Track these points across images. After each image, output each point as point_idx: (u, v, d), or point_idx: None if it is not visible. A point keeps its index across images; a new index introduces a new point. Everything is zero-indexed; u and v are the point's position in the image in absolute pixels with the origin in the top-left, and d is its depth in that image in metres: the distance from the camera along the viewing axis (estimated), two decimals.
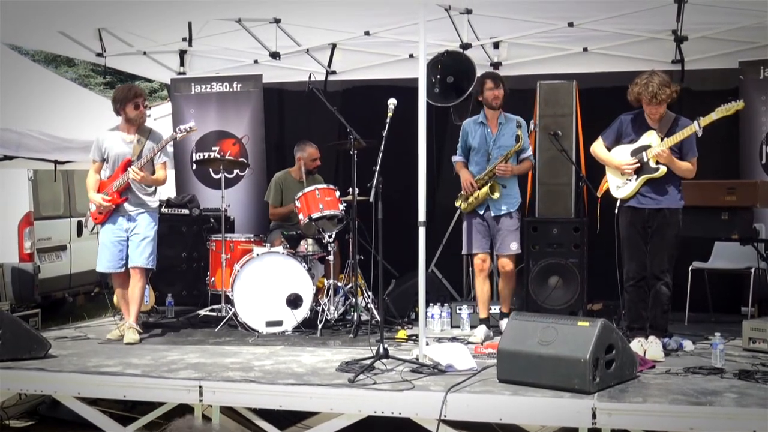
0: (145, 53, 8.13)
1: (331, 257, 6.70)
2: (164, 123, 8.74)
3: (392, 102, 5.50)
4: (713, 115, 5.28)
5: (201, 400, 4.80)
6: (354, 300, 6.58)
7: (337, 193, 6.71)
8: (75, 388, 5.05)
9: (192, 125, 6.25)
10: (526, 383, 4.59)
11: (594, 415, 4.24)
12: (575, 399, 4.36)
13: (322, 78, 8.29)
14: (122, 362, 5.35)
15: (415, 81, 5.32)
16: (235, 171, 8.25)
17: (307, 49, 8.07)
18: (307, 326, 6.45)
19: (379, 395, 4.56)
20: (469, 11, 6.79)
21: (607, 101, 6.61)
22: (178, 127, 6.31)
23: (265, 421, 4.93)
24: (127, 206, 6.14)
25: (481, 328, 6.14)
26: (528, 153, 6.26)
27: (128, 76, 10.76)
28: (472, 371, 4.94)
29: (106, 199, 6.08)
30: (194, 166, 8.30)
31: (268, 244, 6.95)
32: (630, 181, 5.53)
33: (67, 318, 8.48)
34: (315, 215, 6.57)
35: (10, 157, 7.59)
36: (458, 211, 7.49)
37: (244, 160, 7.96)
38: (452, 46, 7.24)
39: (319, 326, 6.39)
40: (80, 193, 9.83)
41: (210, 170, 8.21)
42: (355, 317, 6.41)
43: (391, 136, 5.46)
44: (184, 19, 7.35)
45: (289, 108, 8.66)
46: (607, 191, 5.72)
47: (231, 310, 6.62)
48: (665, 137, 5.41)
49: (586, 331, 4.53)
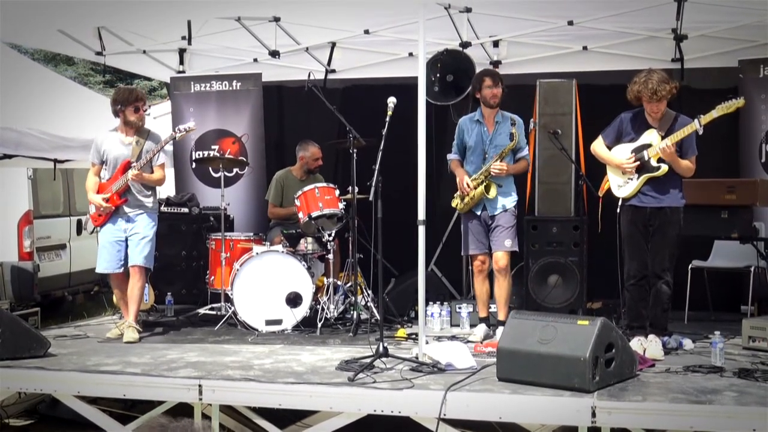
0: (144, 52, 8.12)
1: (330, 256, 6.70)
2: (164, 121, 8.74)
3: (392, 101, 5.49)
4: (714, 113, 5.26)
5: (200, 399, 4.80)
6: (354, 299, 6.57)
7: (337, 192, 6.71)
8: (75, 387, 5.04)
9: (191, 125, 6.28)
10: (525, 382, 4.58)
11: (594, 414, 4.24)
12: (575, 398, 4.36)
13: (322, 76, 8.30)
14: (122, 361, 5.35)
15: (414, 79, 5.31)
16: (235, 170, 8.25)
17: (307, 48, 8.07)
18: (306, 325, 6.45)
19: (379, 394, 4.56)
20: (468, 10, 6.79)
21: (607, 100, 6.60)
22: (177, 127, 6.33)
23: (265, 419, 4.93)
24: (126, 207, 6.16)
25: (481, 327, 6.13)
26: (524, 152, 6.16)
27: (128, 74, 10.78)
28: (472, 370, 4.94)
29: (106, 199, 6.11)
30: (194, 165, 8.29)
31: (268, 243, 6.95)
32: (631, 180, 5.52)
33: (67, 317, 8.48)
34: (315, 214, 6.57)
35: (10, 156, 7.58)
36: (457, 210, 7.52)
37: (244, 159, 7.95)
38: (452, 44, 7.24)
39: (319, 325, 6.39)
40: (80, 191, 9.83)
41: (209, 169, 8.21)
42: (355, 316, 6.41)
43: (391, 135, 5.46)
44: (183, 17, 7.34)
45: (288, 107, 8.66)
46: (608, 190, 5.72)
47: (230, 308, 6.62)
48: (665, 135, 5.40)
49: (585, 330, 4.53)
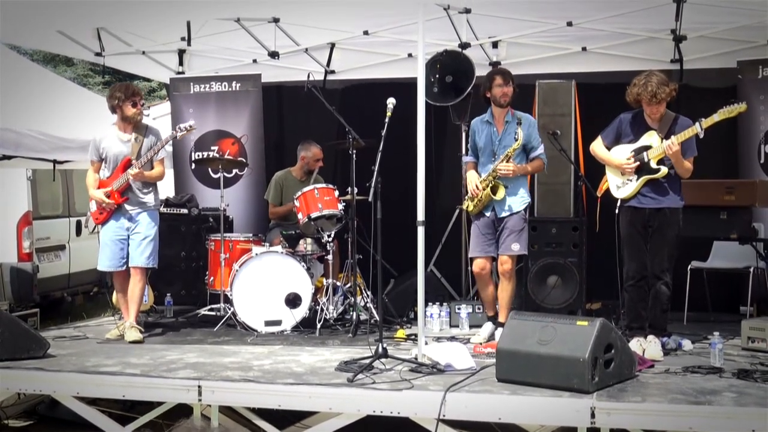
0: (144, 53, 8.13)
1: (330, 257, 6.70)
2: (163, 122, 8.74)
3: (391, 101, 5.48)
4: (715, 117, 5.25)
5: (200, 400, 4.80)
6: (353, 299, 6.58)
7: (336, 193, 6.71)
8: (74, 388, 5.04)
9: (191, 124, 6.29)
10: (525, 383, 4.58)
11: (593, 415, 4.24)
12: (574, 398, 4.36)
13: (321, 77, 8.31)
14: (121, 362, 5.35)
15: (414, 80, 5.31)
16: (234, 170, 8.25)
17: (306, 49, 8.07)
18: (306, 326, 6.45)
19: (378, 395, 4.56)
20: (468, 11, 6.79)
21: (606, 100, 6.61)
22: (177, 126, 6.33)
23: (264, 420, 4.93)
24: (127, 206, 6.16)
25: (487, 326, 6.06)
26: (538, 152, 6.00)
27: (127, 75, 10.74)
28: (471, 371, 4.94)
29: (107, 194, 6.09)
30: (193, 166, 8.30)
31: (267, 244, 6.94)
32: (630, 181, 5.52)
33: (66, 318, 8.47)
34: (314, 215, 6.57)
35: (9, 157, 7.57)
36: (457, 211, 7.52)
37: (243, 160, 7.96)
38: (451, 45, 7.24)
39: (318, 326, 6.39)
40: (79, 192, 9.83)
41: (209, 170, 8.22)
42: (354, 317, 6.41)
43: (390, 136, 5.45)
44: (183, 18, 7.35)
45: (288, 107, 8.66)
46: (607, 191, 5.72)
47: (230, 309, 6.62)
48: (665, 137, 5.40)
49: (585, 331, 4.53)
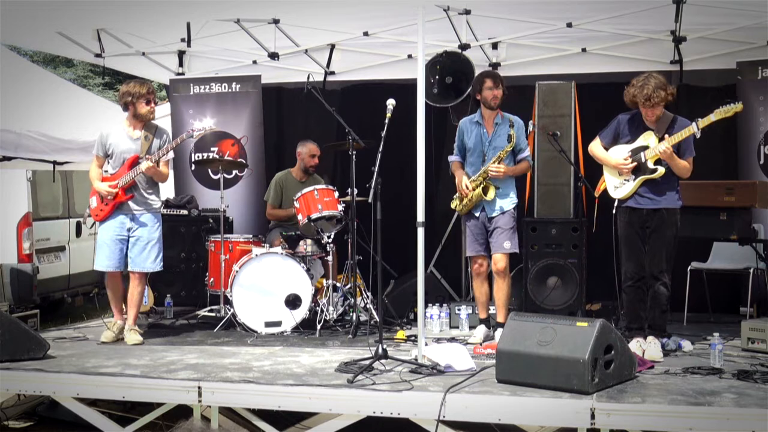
0: (143, 54, 8.13)
1: (330, 258, 6.71)
2: (163, 123, 8.69)
3: (391, 103, 5.49)
4: (712, 117, 5.27)
5: (200, 401, 4.80)
6: (353, 300, 6.58)
7: (336, 194, 6.71)
8: (74, 389, 5.04)
9: (210, 124, 6.27)
10: (524, 384, 4.59)
11: (593, 416, 4.24)
12: (574, 399, 4.36)
13: (321, 78, 8.32)
14: (121, 363, 5.35)
15: (413, 81, 5.32)
16: (234, 171, 8.26)
17: (306, 50, 8.08)
18: (305, 327, 6.45)
19: (378, 396, 4.56)
20: (467, 12, 6.79)
21: (606, 101, 6.62)
22: (192, 126, 6.27)
23: (264, 421, 4.93)
24: (131, 204, 6.08)
25: (481, 328, 6.13)
26: (525, 154, 6.12)
27: (127, 76, 10.73)
28: (471, 372, 4.95)
29: (113, 185, 5.99)
30: (193, 167, 8.30)
31: (267, 245, 6.95)
32: (628, 181, 5.52)
33: (66, 319, 8.47)
34: (314, 216, 6.58)
35: (9, 158, 7.59)
36: (457, 212, 7.53)
37: (243, 161, 7.96)
38: (451, 46, 7.25)
39: (318, 327, 6.39)
40: (79, 193, 9.83)
41: (209, 171, 8.22)
42: (354, 318, 6.41)
43: (390, 137, 5.46)
44: (182, 19, 7.36)
45: (287, 109, 8.66)
46: (605, 191, 5.72)
47: (230, 310, 6.62)
48: (663, 137, 5.41)
49: (584, 332, 4.53)
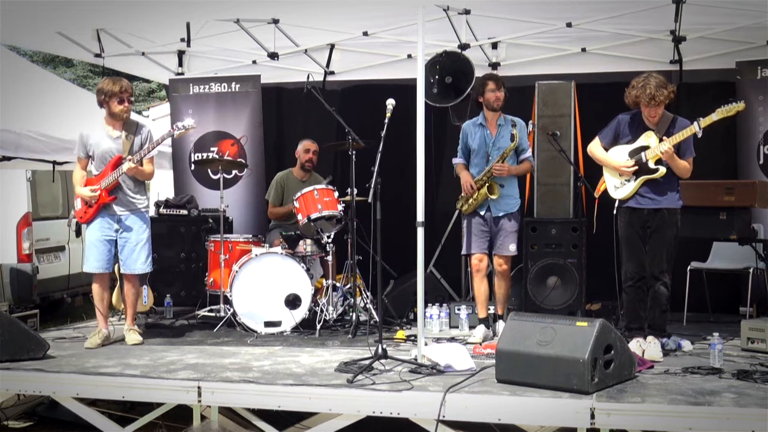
0: (143, 54, 8.13)
1: (329, 257, 6.70)
2: (163, 123, 8.75)
3: (391, 102, 5.49)
4: (713, 116, 5.27)
5: (200, 401, 4.80)
6: (353, 300, 6.58)
7: (336, 194, 6.71)
8: (74, 389, 5.04)
9: (190, 123, 6.09)
10: (524, 383, 4.59)
11: (593, 416, 4.24)
12: (574, 399, 4.36)
13: (321, 78, 8.31)
14: (121, 363, 5.35)
15: (413, 81, 5.32)
16: (234, 171, 8.25)
17: (306, 50, 8.08)
18: (305, 327, 6.45)
19: (378, 395, 4.56)
20: (467, 12, 6.80)
21: (606, 101, 6.62)
22: (175, 124, 6.17)
23: (264, 421, 4.93)
24: (115, 206, 5.95)
25: (480, 328, 6.14)
26: (527, 154, 6.24)
27: (126, 76, 10.74)
28: (471, 371, 4.95)
29: (94, 189, 5.88)
30: (193, 167, 8.30)
31: (267, 245, 6.94)
32: (628, 181, 5.52)
33: (66, 319, 8.46)
34: (314, 216, 6.58)
35: (9, 158, 7.58)
36: (457, 212, 7.51)
37: (243, 161, 7.96)
38: (451, 46, 7.25)
39: (318, 327, 6.39)
40: None
41: (208, 171, 8.21)
42: (354, 318, 6.41)
43: (390, 137, 5.46)
44: (182, 19, 7.35)
45: (287, 108, 8.66)
46: (605, 191, 5.72)
47: (230, 310, 6.62)
48: (663, 137, 5.41)
49: (584, 331, 4.53)
